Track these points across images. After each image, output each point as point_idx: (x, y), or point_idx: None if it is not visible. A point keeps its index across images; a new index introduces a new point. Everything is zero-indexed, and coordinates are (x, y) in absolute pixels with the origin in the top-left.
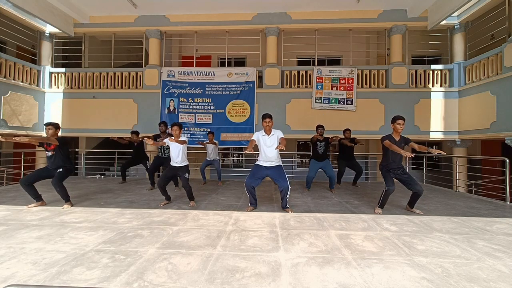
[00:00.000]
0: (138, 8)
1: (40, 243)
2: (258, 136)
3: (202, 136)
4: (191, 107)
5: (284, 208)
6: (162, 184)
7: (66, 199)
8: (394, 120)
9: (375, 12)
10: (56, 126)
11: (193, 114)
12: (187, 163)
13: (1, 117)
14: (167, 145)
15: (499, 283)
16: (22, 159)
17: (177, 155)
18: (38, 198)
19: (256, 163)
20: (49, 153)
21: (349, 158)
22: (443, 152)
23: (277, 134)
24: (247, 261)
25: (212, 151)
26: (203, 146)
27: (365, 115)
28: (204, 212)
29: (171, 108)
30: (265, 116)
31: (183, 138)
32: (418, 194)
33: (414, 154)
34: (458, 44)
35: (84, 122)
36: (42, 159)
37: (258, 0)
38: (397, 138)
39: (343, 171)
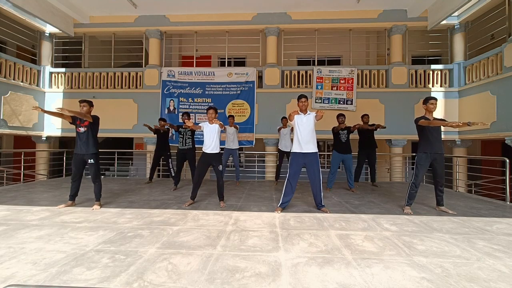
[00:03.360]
0: (138, 8)
1: (40, 243)
2: (294, 117)
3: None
4: (191, 107)
5: (319, 208)
6: (200, 178)
7: (98, 197)
8: (426, 100)
9: (375, 12)
10: (90, 103)
11: (193, 114)
12: (219, 150)
13: (1, 117)
14: (189, 135)
15: (499, 283)
16: (22, 159)
17: (211, 140)
18: (72, 197)
19: (292, 151)
20: (82, 129)
21: (369, 146)
22: (485, 123)
23: (313, 114)
24: (247, 261)
25: (233, 137)
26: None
27: None
28: (204, 212)
29: (171, 108)
30: (301, 96)
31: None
32: (438, 187)
33: (461, 123)
34: (458, 44)
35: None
36: (42, 159)
37: (258, 0)
38: (431, 119)
39: (362, 163)
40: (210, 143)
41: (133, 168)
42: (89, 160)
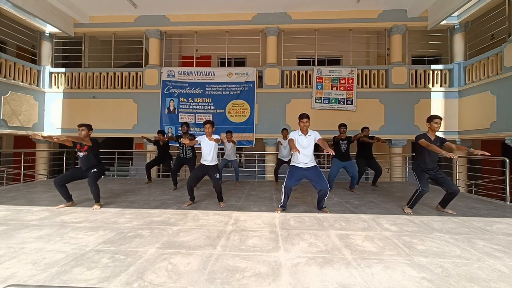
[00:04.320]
0: (138, 8)
1: (40, 243)
2: (295, 136)
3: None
4: (191, 107)
5: (319, 208)
6: (192, 184)
7: (97, 199)
8: (430, 119)
9: (375, 12)
10: (89, 127)
11: (193, 114)
12: (217, 162)
13: (1, 117)
14: (189, 146)
15: (499, 283)
16: (22, 159)
17: (209, 153)
18: (68, 198)
19: (291, 164)
20: (82, 154)
21: (369, 157)
22: (486, 153)
23: (314, 135)
24: (247, 261)
25: (231, 151)
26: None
27: (365, 115)
28: (204, 212)
29: (171, 108)
30: (303, 116)
31: (215, 136)
32: (454, 194)
33: (457, 155)
34: (458, 44)
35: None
36: (42, 159)
37: (258, 0)
38: (432, 138)
39: (364, 171)
40: (208, 156)
41: (133, 168)
42: (92, 170)
